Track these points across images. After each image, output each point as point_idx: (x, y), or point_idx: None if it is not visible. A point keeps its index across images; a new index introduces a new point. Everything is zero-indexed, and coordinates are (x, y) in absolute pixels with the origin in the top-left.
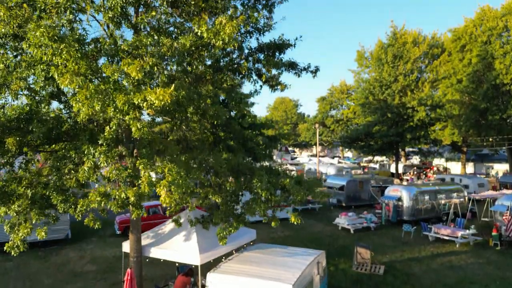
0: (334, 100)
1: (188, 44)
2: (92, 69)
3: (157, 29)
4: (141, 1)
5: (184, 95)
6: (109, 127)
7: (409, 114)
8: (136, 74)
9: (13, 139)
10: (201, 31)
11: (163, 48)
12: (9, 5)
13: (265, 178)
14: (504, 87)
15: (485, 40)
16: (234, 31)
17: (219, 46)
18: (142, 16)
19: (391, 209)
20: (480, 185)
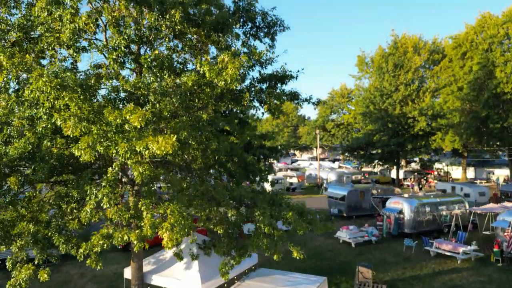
0: (335, 104)
1: (190, 83)
2: (95, 110)
3: (159, 65)
4: (144, 39)
5: (186, 136)
6: (111, 168)
7: (410, 124)
8: (138, 123)
9: (15, 178)
10: (203, 70)
11: (166, 86)
12: (10, 52)
13: (268, 212)
14: (505, 96)
15: (486, 47)
16: (236, 72)
17: (221, 86)
18: (146, 56)
19: (392, 221)
20: (481, 194)
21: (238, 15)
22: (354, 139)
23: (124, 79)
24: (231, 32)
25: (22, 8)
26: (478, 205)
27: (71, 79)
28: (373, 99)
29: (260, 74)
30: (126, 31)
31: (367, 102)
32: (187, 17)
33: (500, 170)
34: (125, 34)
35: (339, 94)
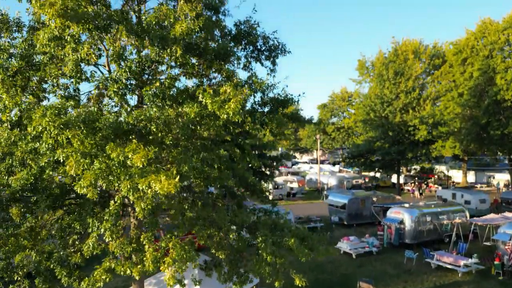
0: (335, 108)
1: (192, 114)
2: (97, 144)
3: (161, 95)
4: (146, 70)
5: (186, 170)
6: (113, 200)
7: (411, 132)
8: (141, 164)
9: (17, 209)
10: (205, 101)
11: (168, 117)
12: (11, 93)
13: (270, 238)
14: (505, 103)
15: (486, 54)
16: (238, 106)
17: (223, 119)
18: (147, 88)
19: (393, 232)
20: (481, 201)
21: (239, 39)
22: (355, 146)
23: (126, 111)
24: (234, 55)
25: (23, 31)
26: (479, 212)
27: (74, 116)
28: (373, 107)
29: (262, 99)
30: (127, 63)
31: (368, 109)
32: (188, 46)
33: (500, 175)
34: (126, 67)
35: (339, 97)
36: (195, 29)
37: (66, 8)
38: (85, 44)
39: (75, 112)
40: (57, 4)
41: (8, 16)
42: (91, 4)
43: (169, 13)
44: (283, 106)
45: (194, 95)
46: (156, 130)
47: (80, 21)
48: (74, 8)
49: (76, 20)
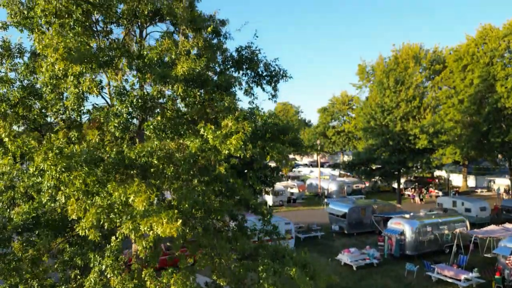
0: (335, 111)
1: (194, 149)
2: (99, 181)
3: (162, 129)
4: (147, 104)
5: (187, 208)
6: (115, 237)
7: (411, 141)
8: (143, 207)
9: (19, 244)
10: (206, 135)
11: (169, 151)
12: (13, 133)
13: (271, 267)
14: (506, 111)
15: (487, 61)
16: (240, 143)
17: (225, 154)
18: (148, 123)
19: (393, 243)
20: (482, 209)
21: (241, 64)
22: (355, 154)
23: (127, 147)
24: (235, 85)
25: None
26: (479, 220)
27: (76, 154)
28: (374, 115)
29: (263, 127)
30: (128, 99)
31: (368, 117)
32: (189, 80)
33: (501, 180)
34: (127, 102)
35: (339, 101)
36: (196, 69)
37: (69, 49)
38: (87, 78)
39: (78, 148)
40: (60, 49)
41: (10, 43)
42: (93, 37)
43: (171, 49)
44: (284, 134)
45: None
46: (157, 162)
47: (83, 62)
48: (77, 48)
49: (79, 62)
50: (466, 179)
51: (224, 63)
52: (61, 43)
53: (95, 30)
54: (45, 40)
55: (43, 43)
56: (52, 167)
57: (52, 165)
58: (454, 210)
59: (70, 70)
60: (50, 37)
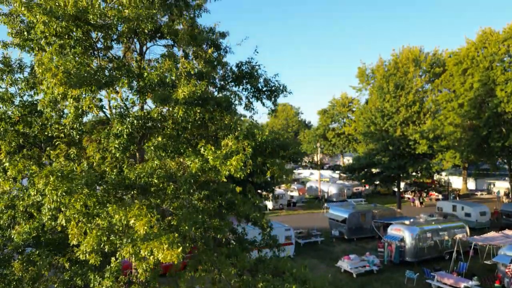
0: (335, 113)
1: (194, 169)
2: (99, 201)
3: (162, 148)
4: (148, 124)
5: (187, 230)
6: (115, 257)
7: (411, 146)
8: (144, 231)
9: (19, 264)
10: (207, 155)
11: (169, 171)
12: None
13: (271, 285)
14: (506, 115)
15: (486, 65)
16: (240, 164)
17: (225, 174)
18: (149, 143)
19: (393, 249)
20: (481, 213)
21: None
22: (355, 159)
23: (128, 167)
24: (235, 104)
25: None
26: (479, 224)
27: (77, 177)
28: (374, 120)
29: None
30: (129, 119)
31: (368, 122)
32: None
33: (501, 182)
34: (128, 123)
35: (339, 103)
36: (197, 92)
37: (69, 73)
38: (87, 97)
39: (78, 169)
40: (59, 74)
41: (10, 59)
42: (93, 55)
43: (171, 70)
44: (284, 149)
45: (196, 142)
46: (157, 181)
47: (83, 85)
48: (76, 73)
49: (79, 86)
50: (466, 181)
51: (225, 78)
52: (61, 66)
53: (95, 48)
54: (45, 61)
55: (43, 67)
56: (53, 192)
57: (53, 190)
58: (453, 214)
59: (69, 93)
60: (49, 57)
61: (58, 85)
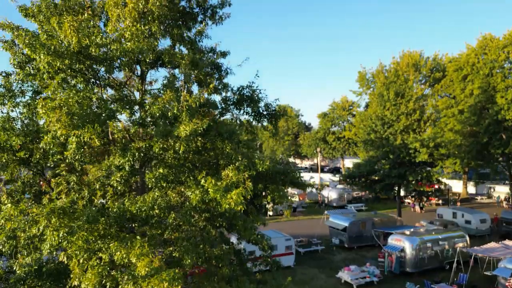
0: (336, 117)
1: (195, 201)
2: (101, 235)
3: (164, 179)
4: (150, 155)
5: (189, 263)
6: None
7: (412, 154)
8: (145, 272)
9: None
10: (207, 186)
11: (170, 201)
12: (16, 198)
13: None
14: (506, 122)
15: (487, 72)
16: (241, 198)
17: (225, 207)
18: (150, 175)
19: (394, 260)
20: (482, 220)
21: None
22: (356, 167)
23: (129, 201)
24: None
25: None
26: (479, 232)
27: (78, 215)
28: (374, 128)
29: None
30: (130, 152)
31: (369, 129)
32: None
33: (501, 187)
34: (129, 155)
35: (340, 106)
36: (199, 130)
37: (72, 115)
38: (90, 129)
39: (80, 203)
40: (63, 118)
41: (12, 84)
42: (94, 84)
43: (173, 103)
44: (284, 175)
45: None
46: (158, 212)
47: (85, 124)
48: (79, 113)
49: (82, 126)
50: (466, 186)
51: (226, 102)
52: (64, 107)
53: (97, 77)
54: (48, 93)
55: (46, 107)
56: (54, 233)
57: (54, 231)
58: (454, 222)
59: (71, 133)
60: (52, 90)
61: (61, 128)
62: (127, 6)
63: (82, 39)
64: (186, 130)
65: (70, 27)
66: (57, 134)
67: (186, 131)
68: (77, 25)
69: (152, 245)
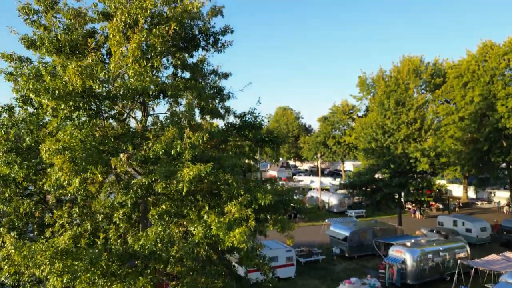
0: (336, 121)
1: (198, 238)
2: (103, 273)
3: (166, 213)
4: (151, 191)
5: None
6: None
7: (412, 164)
8: None
9: None
10: (210, 222)
11: (172, 237)
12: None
13: None
14: (506, 131)
15: (487, 80)
16: (244, 236)
17: (228, 245)
18: (153, 212)
19: (395, 272)
20: (482, 229)
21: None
22: (356, 175)
23: (132, 238)
24: (240, 167)
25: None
26: (480, 240)
27: (81, 257)
28: (375, 136)
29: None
30: (133, 190)
31: (369, 138)
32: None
33: (501, 192)
34: (132, 193)
35: (340, 110)
36: (202, 174)
37: (75, 159)
38: (92, 170)
39: (82, 241)
40: (66, 165)
41: (14, 112)
42: (97, 116)
43: (176, 140)
44: (286, 205)
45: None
46: (161, 246)
47: (88, 166)
48: (83, 157)
49: (85, 171)
50: (466, 190)
51: (228, 128)
52: (68, 150)
53: (100, 109)
54: (50, 146)
55: (49, 152)
56: (58, 278)
57: (58, 276)
58: (454, 230)
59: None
60: (55, 125)
61: (64, 175)
62: (130, 44)
63: (86, 81)
64: (189, 174)
65: (74, 72)
66: (60, 180)
67: (190, 175)
68: (81, 70)
69: (155, 283)
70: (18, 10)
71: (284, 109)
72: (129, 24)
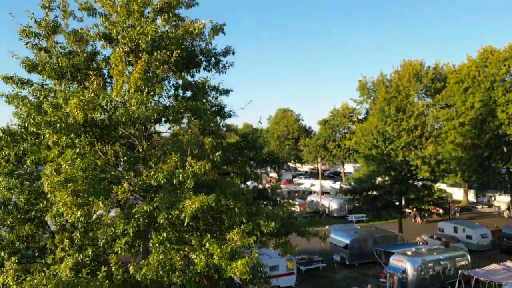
0: (336, 124)
1: (200, 267)
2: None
3: (168, 241)
4: (151, 221)
5: None
6: None
7: (413, 171)
8: None
9: None
10: (212, 250)
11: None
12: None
13: None
14: (507, 137)
15: (488, 86)
16: (247, 268)
17: (230, 275)
18: (154, 240)
19: (395, 281)
20: (483, 236)
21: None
22: (357, 181)
23: (134, 268)
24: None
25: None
26: (480, 247)
27: (82, 282)
28: (376, 143)
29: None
30: (134, 219)
31: (370, 145)
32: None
33: (502, 197)
34: (133, 222)
35: (340, 113)
36: (205, 205)
37: (77, 192)
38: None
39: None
40: (67, 201)
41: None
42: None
43: (178, 172)
44: (288, 227)
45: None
46: (162, 273)
47: (90, 197)
48: (85, 189)
49: (87, 204)
50: (466, 194)
51: (230, 149)
52: (70, 182)
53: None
54: (52, 179)
55: (51, 185)
56: None
57: None
58: (454, 236)
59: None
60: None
61: (67, 209)
62: (132, 75)
63: (88, 113)
64: (192, 207)
65: (76, 107)
66: (63, 213)
67: (192, 208)
68: (82, 104)
69: None
70: (18, 33)
71: (284, 110)
72: (130, 48)
